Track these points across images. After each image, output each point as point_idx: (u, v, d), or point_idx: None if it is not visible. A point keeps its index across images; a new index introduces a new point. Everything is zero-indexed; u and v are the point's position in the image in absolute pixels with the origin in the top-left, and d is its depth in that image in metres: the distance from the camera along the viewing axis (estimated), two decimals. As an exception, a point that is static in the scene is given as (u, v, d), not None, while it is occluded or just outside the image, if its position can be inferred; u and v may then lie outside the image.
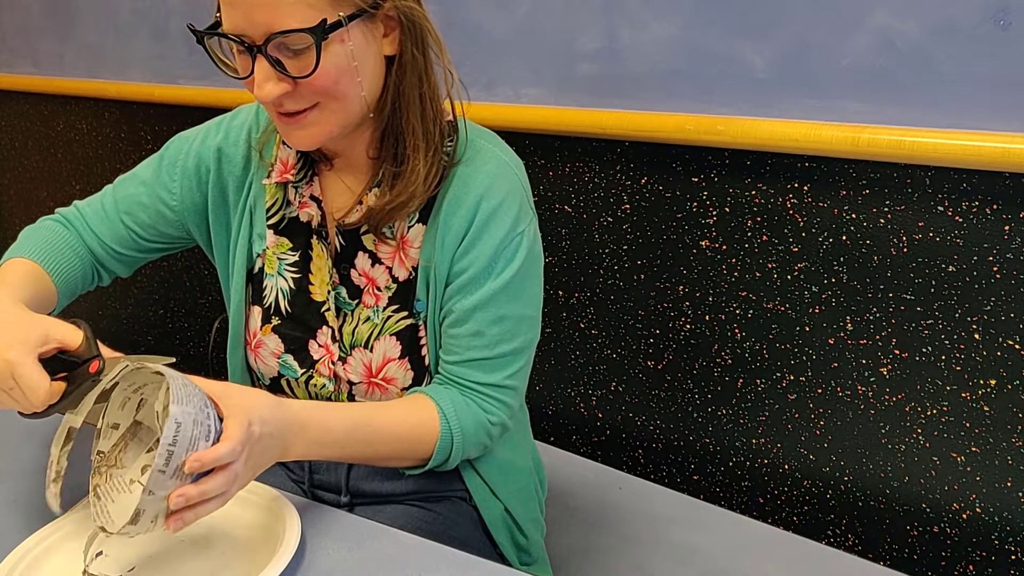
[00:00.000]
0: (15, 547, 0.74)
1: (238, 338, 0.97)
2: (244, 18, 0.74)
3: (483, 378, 0.88)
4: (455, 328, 0.88)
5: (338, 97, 0.79)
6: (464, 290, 0.87)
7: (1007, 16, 0.98)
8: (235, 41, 0.76)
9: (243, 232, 0.95)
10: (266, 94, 0.76)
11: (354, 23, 0.76)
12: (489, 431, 0.89)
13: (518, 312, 0.88)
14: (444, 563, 0.75)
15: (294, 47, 0.75)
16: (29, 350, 0.70)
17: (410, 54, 0.82)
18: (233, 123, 0.96)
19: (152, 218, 0.97)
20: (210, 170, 0.95)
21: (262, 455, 0.71)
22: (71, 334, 0.73)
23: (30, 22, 2.16)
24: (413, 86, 0.83)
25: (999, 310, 1.07)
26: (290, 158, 0.91)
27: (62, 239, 0.95)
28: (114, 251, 0.98)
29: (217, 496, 0.67)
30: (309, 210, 0.90)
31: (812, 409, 1.25)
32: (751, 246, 1.23)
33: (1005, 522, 1.13)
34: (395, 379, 0.91)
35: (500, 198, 0.86)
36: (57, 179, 2.32)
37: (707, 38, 1.18)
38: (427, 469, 0.88)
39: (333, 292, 0.91)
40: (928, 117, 1.06)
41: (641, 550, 1.12)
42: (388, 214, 0.85)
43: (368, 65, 0.80)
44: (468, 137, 0.89)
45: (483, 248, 0.86)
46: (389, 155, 0.86)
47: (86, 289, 0.99)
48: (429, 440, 0.85)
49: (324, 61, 0.75)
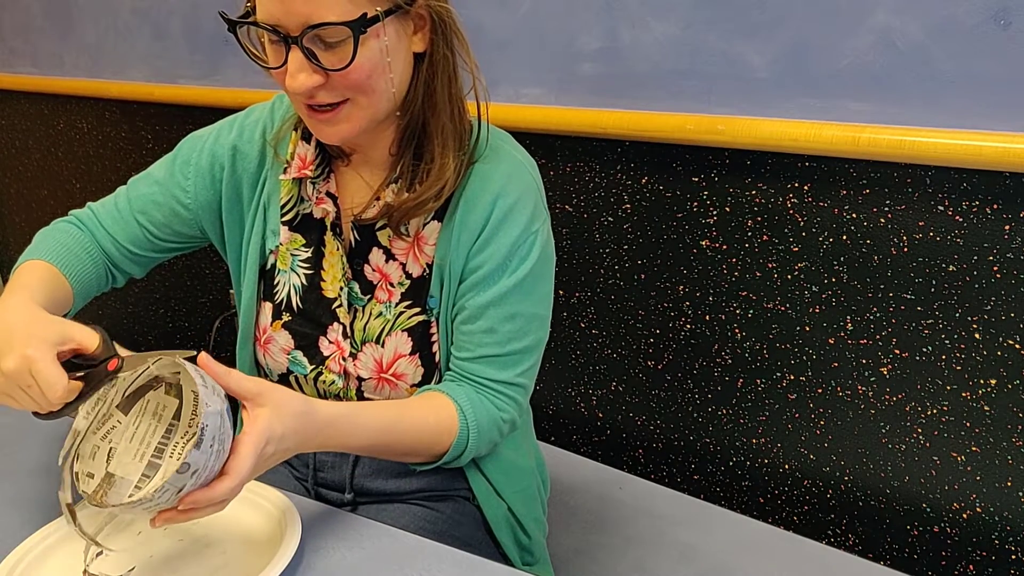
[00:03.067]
0: (15, 547, 0.74)
1: (248, 334, 0.97)
2: (282, 8, 0.74)
3: (495, 375, 0.88)
4: (468, 324, 0.88)
5: (369, 92, 0.79)
6: (478, 286, 0.87)
7: (1007, 16, 0.98)
8: (269, 31, 0.76)
9: (256, 228, 0.95)
10: (299, 85, 0.76)
11: (389, 19, 0.77)
12: (500, 428, 0.89)
13: (530, 310, 0.88)
14: (446, 563, 0.75)
15: (329, 40, 0.75)
16: (48, 348, 0.70)
17: (440, 52, 0.83)
18: (247, 121, 0.97)
19: (167, 217, 0.97)
20: (224, 167, 0.95)
21: (272, 463, 0.72)
22: (88, 336, 0.73)
23: (30, 22, 2.16)
24: (444, 85, 0.84)
25: (999, 310, 1.07)
26: (308, 154, 0.91)
27: (76, 241, 0.95)
28: (129, 251, 0.98)
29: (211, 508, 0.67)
30: (325, 206, 0.90)
31: (812, 409, 1.25)
32: (751, 246, 1.23)
33: (1005, 522, 1.13)
34: (405, 375, 0.91)
35: (516, 196, 0.86)
36: (57, 178, 2.32)
37: (707, 38, 1.18)
38: (439, 464, 0.88)
39: (346, 287, 0.91)
40: (928, 117, 1.05)
41: (642, 550, 1.12)
42: (413, 210, 0.85)
43: (399, 61, 0.80)
44: (488, 138, 0.89)
45: (498, 245, 0.86)
46: (410, 152, 0.86)
47: (101, 291, 1.00)
48: (447, 438, 0.86)
49: (359, 56, 0.75)
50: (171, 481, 0.62)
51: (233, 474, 0.66)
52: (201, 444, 0.63)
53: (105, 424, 0.73)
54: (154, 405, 0.74)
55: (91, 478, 0.71)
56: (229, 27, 0.79)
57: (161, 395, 0.75)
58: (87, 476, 0.71)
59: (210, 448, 0.63)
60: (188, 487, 0.64)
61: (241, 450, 0.67)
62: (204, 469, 0.63)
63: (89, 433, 0.72)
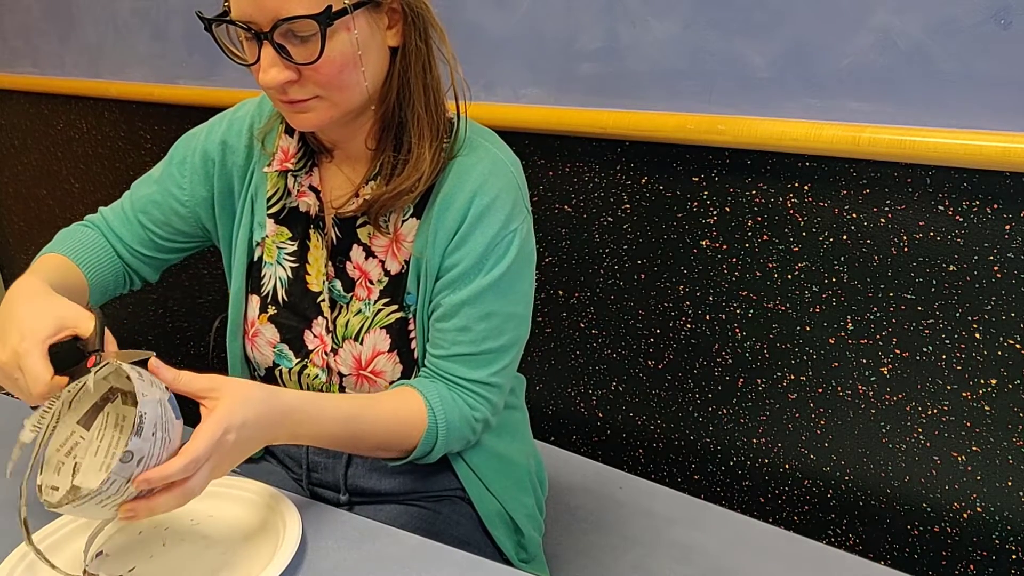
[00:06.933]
0: (15, 547, 0.74)
1: (237, 327, 0.98)
2: (253, 4, 0.75)
3: (468, 374, 0.88)
4: (442, 322, 0.88)
5: (340, 88, 0.80)
6: (453, 285, 0.87)
7: (1008, 15, 0.98)
8: (243, 28, 0.77)
9: (245, 220, 0.96)
10: (271, 79, 0.78)
11: (359, 12, 0.78)
12: (473, 427, 0.89)
13: (506, 310, 0.88)
14: (445, 563, 0.75)
15: (301, 34, 0.76)
16: (38, 342, 0.71)
17: (414, 44, 0.83)
18: (236, 115, 0.98)
19: (166, 215, 0.99)
20: (215, 162, 0.97)
21: (239, 453, 0.71)
22: (85, 322, 0.73)
23: (30, 22, 2.16)
24: (417, 75, 0.84)
25: (1000, 309, 1.07)
26: (291, 147, 0.92)
27: (94, 241, 0.98)
28: (137, 253, 1.00)
29: (178, 496, 0.66)
30: (307, 200, 0.91)
31: (812, 409, 1.25)
32: (751, 246, 1.23)
33: (1006, 521, 1.13)
34: (384, 372, 0.91)
35: (493, 195, 0.86)
36: (57, 178, 2.32)
37: (708, 37, 1.18)
38: (408, 460, 0.88)
39: (328, 285, 0.92)
40: (929, 117, 1.05)
41: (642, 549, 1.12)
42: (389, 201, 0.86)
43: (372, 55, 0.81)
44: (466, 133, 0.89)
45: (474, 244, 0.86)
46: (389, 146, 0.87)
47: (119, 291, 1.02)
48: (416, 434, 0.86)
49: (329, 49, 0.76)
50: (115, 471, 0.61)
51: (186, 454, 0.65)
52: (142, 432, 0.62)
53: (68, 441, 0.72)
54: (114, 417, 0.74)
55: (55, 491, 0.71)
56: (205, 26, 0.80)
57: (120, 406, 0.74)
58: (51, 489, 0.71)
59: (152, 436, 0.63)
60: (136, 476, 0.63)
61: (196, 434, 0.67)
62: (150, 457, 0.63)
63: (51, 451, 0.71)
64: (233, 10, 0.77)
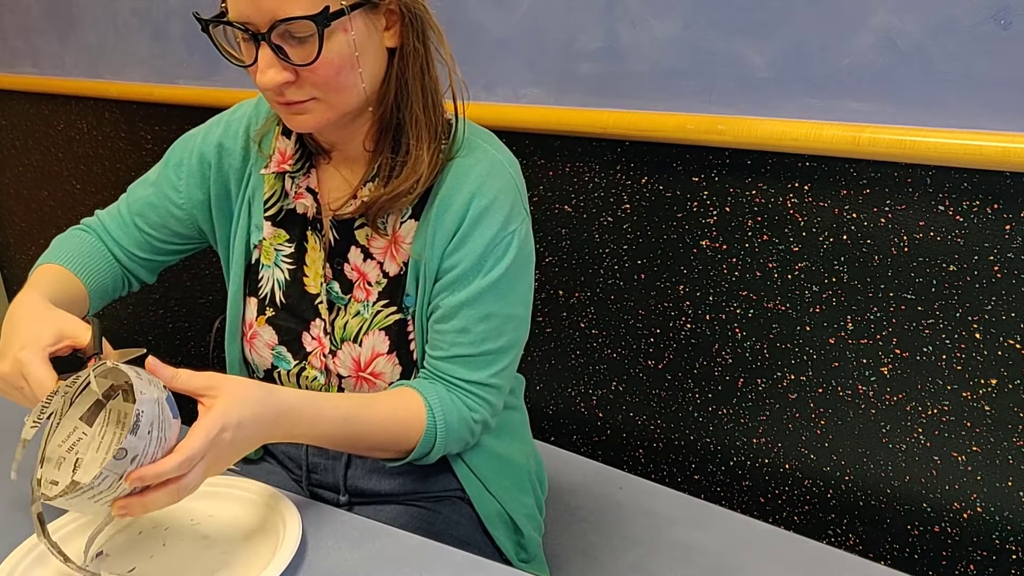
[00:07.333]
0: (15, 547, 0.74)
1: (235, 330, 0.98)
2: (250, 5, 0.75)
3: (467, 375, 0.88)
4: (441, 324, 0.88)
5: (338, 90, 0.80)
6: (452, 287, 0.87)
7: (1008, 15, 0.98)
8: (240, 29, 0.77)
9: (242, 223, 0.96)
10: (268, 80, 0.77)
11: (357, 13, 0.77)
12: (471, 428, 0.89)
13: (505, 311, 0.88)
14: (444, 563, 0.75)
15: (298, 35, 0.76)
16: (39, 349, 0.72)
17: (411, 45, 0.83)
18: (233, 117, 0.98)
19: (162, 218, 0.99)
20: (212, 165, 0.96)
21: (235, 452, 0.71)
22: (82, 333, 0.74)
23: (30, 22, 2.16)
24: (416, 76, 0.84)
25: (1000, 309, 1.07)
26: (288, 149, 0.92)
27: (90, 246, 0.98)
28: (134, 255, 1.00)
29: (172, 492, 0.66)
30: (304, 201, 0.91)
31: (813, 409, 1.25)
32: (751, 246, 1.23)
33: (1006, 521, 1.13)
34: (383, 374, 0.91)
35: (492, 196, 0.86)
36: (57, 179, 2.32)
37: (708, 37, 1.18)
38: (407, 461, 0.88)
39: (326, 287, 0.92)
40: (929, 116, 1.05)
41: (642, 549, 1.12)
42: (388, 202, 0.85)
43: (369, 57, 0.81)
44: (465, 135, 0.89)
45: (473, 246, 0.86)
46: (387, 147, 0.87)
47: (117, 294, 1.02)
48: (415, 434, 0.86)
49: (326, 50, 0.76)
50: (109, 467, 0.61)
51: (182, 451, 0.65)
52: (138, 430, 0.62)
53: (71, 437, 0.73)
54: (116, 414, 0.75)
55: (55, 485, 0.71)
56: (202, 27, 0.80)
57: (121, 403, 0.75)
58: (51, 483, 0.71)
59: (148, 435, 0.63)
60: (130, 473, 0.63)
61: (192, 432, 0.67)
62: (144, 456, 0.63)
63: (54, 447, 0.72)
64: (230, 11, 0.77)
